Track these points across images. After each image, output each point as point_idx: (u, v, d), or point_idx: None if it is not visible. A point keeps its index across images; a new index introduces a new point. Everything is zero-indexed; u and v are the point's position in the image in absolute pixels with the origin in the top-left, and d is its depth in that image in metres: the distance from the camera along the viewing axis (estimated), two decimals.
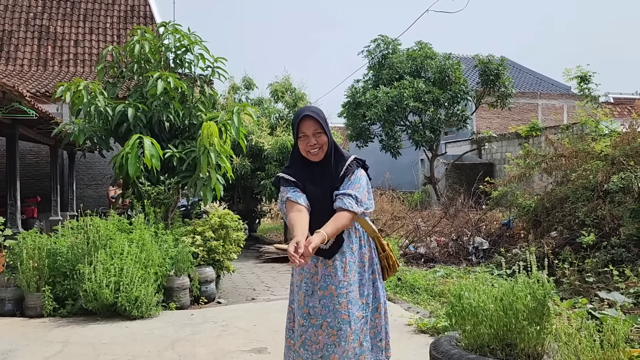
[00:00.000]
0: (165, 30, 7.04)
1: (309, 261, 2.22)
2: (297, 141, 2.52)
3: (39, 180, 13.00)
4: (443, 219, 9.59)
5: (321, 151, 2.50)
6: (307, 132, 2.47)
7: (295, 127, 2.51)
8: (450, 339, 3.03)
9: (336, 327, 2.47)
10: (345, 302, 2.49)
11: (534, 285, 2.87)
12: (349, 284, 2.51)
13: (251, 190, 11.29)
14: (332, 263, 2.51)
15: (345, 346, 2.47)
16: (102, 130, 6.77)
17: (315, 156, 2.50)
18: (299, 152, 2.55)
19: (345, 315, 2.48)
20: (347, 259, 2.52)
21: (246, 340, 4.39)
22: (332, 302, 2.49)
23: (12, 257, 5.37)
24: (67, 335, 4.57)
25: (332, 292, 2.50)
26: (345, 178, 2.51)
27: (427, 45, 15.71)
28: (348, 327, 2.47)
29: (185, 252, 5.72)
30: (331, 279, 2.50)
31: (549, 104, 23.69)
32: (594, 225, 6.41)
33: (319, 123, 2.47)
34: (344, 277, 2.51)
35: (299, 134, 2.50)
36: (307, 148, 2.49)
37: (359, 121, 15.65)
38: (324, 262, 2.52)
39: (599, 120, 8.69)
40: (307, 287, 2.53)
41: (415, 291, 6.11)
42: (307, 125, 2.47)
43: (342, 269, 2.51)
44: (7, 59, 14.30)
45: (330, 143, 2.52)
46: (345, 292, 2.50)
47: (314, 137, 2.47)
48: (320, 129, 2.47)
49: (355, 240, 2.57)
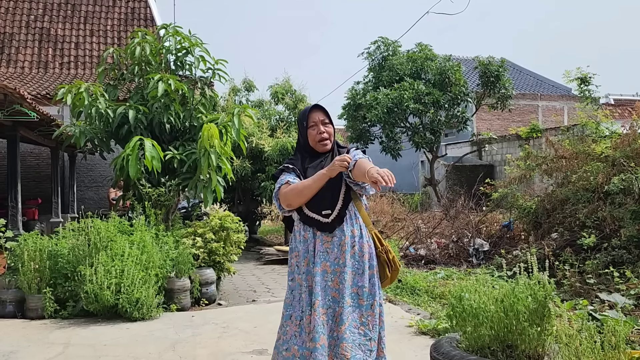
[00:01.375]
0: (165, 32, 7.05)
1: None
2: (307, 132, 2.67)
3: (40, 182, 13.01)
4: (443, 221, 9.59)
5: (329, 141, 2.67)
6: (317, 121, 2.65)
7: (305, 118, 2.68)
8: (451, 341, 3.04)
9: (326, 305, 2.47)
10: (337, 281, 2.50)
11: (534, 286, 2.87)
12: (343, 264, 2.51)
13: (251, 192, 11.31)
14: (330, 239, 2.54)
15: (332, 325, 2.46)
16: (103, 132, 6.78)
17: (325, 147, 2.66)
18: (306, 144, 2.69)
19: (335, 294, 2.49)
20: (346, 239, 2.53)
21: (247, 341, 4.39)
22: (324, 279, 2.50)
23: (13, 259, 5.37)
24: (68, 336, 4.57)
25: (326, 269, 2.51)
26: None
27: (428, 47, 15.74)
28: (337, 306, 2.47)
29: (185, 253, 5.73)
30: (327, 255, 2.53)
31: (549, 105, 23.70)
32: (595, 226, 6.41)
33: (326, 114, 2.68)
34: (340, 256, 2.52)
35: (310, 123, 2.66)
36: (317, 138, 2.65)
37: (359, 123, 15.67)
38: (321, 239, 2.55)
39: (600, 122, 8.69)
40: (307, 269, 2.56)
41: (416, 293, 6.11)
42: (316, 115, 2.67)
43: (340, 247, 2.53)
44: (8, 62, 14.32)
45: (335, 136, 2.73)
46: (339, 270, 2.50)
47: (322, 126, 2.65)
48: (328, 119, 2.68)
49: (357, 226, 2.59)
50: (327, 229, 2.53)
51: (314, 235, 2.56)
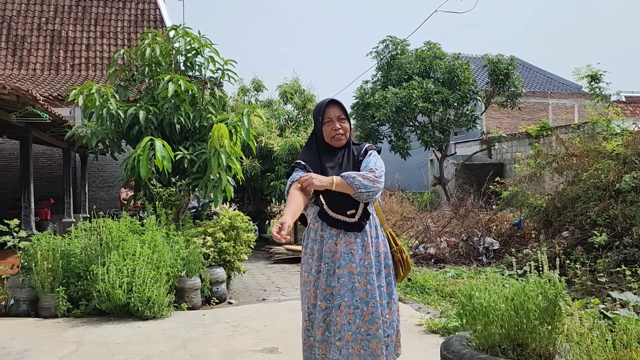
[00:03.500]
0: (175, 33, 7.11)
1: (288, 239, 2.35)
2: (322, 127, 2.66)
3: (52, 182, 13.16)
4: (453, 220, 9.56)
5: (344, 137, 2.66)
6: (332, 117, 2.64)
7: (320, 113, 2.65)
8: (461, 339, 3.03)
9: (353, 305, 2.50)
10: (365, 281, 2.52)
11: (545, 285, 2.86)
12: (369, 264, 2.54)
13: (261, 191, 11.35)
14: (353, 240, 2.55)
15: (360, 324, 2.49)
16: (114, 132, 6.85)
17: (339, 141, 2.65)
18: (321, 138, 2.68)
19: (363, 294, 2.51)
20: (368, 240, 2.56)
21: (257, 340, 4.42)
22: (351, 280, 2.52)
23: (26, 259, 5.44)
24: (81, 335, 4.63)
25: (352, 270, 2.52)
26: (364, 159, 2.66)
27: (436, 46, 15.68)
28: (365, 306, 2.50)
29: (196, 253, 5.77)
30: (352, 256, 2.54)
31: (559, 103, 23.51)
32: (606, 225, 6.36)
33: (342, 110, 2.66)
34: (365, 257, 2.54)
35: (325, 119, 2.65)
36: (331, 133, 2.64)
37: (368, 122, 15.65)
38: (344, 240, 2.55)
39: (611, 119, 8.62)
40: (328, 267, 2.56)
41: (426, 292, 6.11)
42: (332, 111, 2.65)
43: (363, 248, 2.55)
44: (20, 64, 14.49)
45: (350, 131, 2.72)
46: (366, 271, 2.53)
47: (338, 122, 2.63)
48: (344, 115, 2.66)
49: (373, 226, 2.63)
50: (355, 229, 2.54)
51: (337, 236, 2.56)
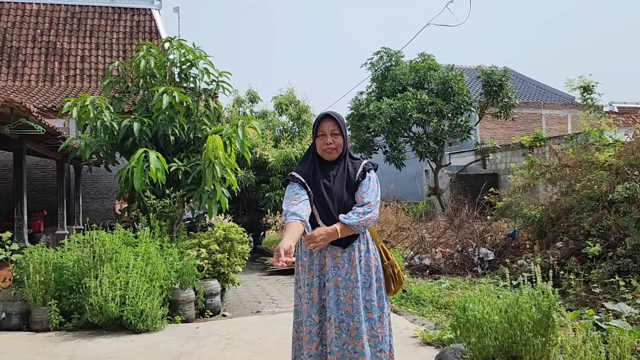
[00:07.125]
0: (170, 45, 7.13)
1: (290, 262, 2.35)
2: (316, 139, 2.69)
3: (46, 194, 13.09)
4: (448, 230, 9.57)
5: (335, 152, 2.66)
6: (326, 131, 2.65)
7: (315, 126, 2.69)
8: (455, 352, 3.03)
9: (338, 319, 2.52)
10: (350, 295, 2.53)
11: (538, 296, 2.87)
12: (355, 279, 2.55)
13: (256, 202, 11.33)
14: (340, 255, 2.57)
15: (346, 339, 2.49)
16: (108, 144, 6.84)
17: (330, 155, 2.67)
18: (315, 151, 2.71)
19: (349, 309, 2.52)
20: (355, 254, 2.58)
21: (251, 353, 4.39)
22: (337, 293, 2.54)
23: (18, 272, 5.39)
24: (73, 349, 4.58)
25: (338, 284, 2.55)
26: (361, 182, 2.65)
27: (430, 57, 15.80)
28: (351, 320, 2.51)
29: (190, 265, 5.74)
30: (338, 270, 2.56)
31: (552, 113, 23.69)
32: (600, 235, 6.39)
33: (337, 125, 2.66)
34: (351, 271, 2.56)
35: (319, 132, 2.67)
36: (323, 147, 2.66)
37: (362, 133, 15.70)
38: (332, 254, 2.58)
39: (603, 130, 8.68)
40: (319, 281, 2.59)
41: (421, 303, 6.09)
42: (327, 125, 2.66)
43: (350, 262, 2.57)
44: (15, 75, 14.48)
45: (346, 146, 2.71)
46: (352, 285, 2.54)
47: (330, 137, 2.64)
48: (338, 130, 2.66)
49: (363, 241, 2.63)
50: (342, 244, 2.56)
51: (325, 249, 2.57)
